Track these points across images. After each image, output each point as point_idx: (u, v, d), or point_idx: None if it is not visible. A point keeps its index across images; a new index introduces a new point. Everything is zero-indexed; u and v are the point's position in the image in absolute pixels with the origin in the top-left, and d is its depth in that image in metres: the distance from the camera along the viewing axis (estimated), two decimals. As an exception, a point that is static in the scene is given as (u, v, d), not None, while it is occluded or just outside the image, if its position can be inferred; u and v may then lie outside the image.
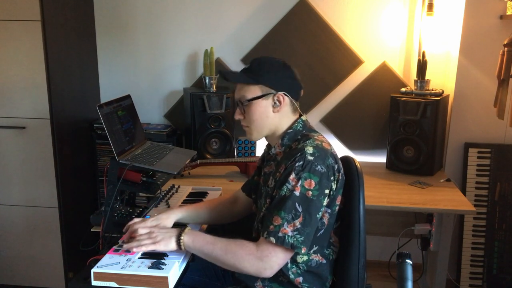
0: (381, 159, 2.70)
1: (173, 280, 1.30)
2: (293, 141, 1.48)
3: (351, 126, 2.81)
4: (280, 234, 1.31)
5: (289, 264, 1.41)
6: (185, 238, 1.40)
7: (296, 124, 1.50)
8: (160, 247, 1.40)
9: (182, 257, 1.41)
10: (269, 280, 1.44)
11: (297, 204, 1.33)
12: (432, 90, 2.50)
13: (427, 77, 2.52)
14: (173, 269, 1.31)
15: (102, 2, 2.81)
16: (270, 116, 1.47)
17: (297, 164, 1.36)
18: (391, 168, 2.58)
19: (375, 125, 2.80)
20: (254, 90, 1.46)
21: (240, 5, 2.74)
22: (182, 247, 1.40)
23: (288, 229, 1.31)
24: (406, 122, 2.47)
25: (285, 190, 1.35)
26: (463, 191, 2.53)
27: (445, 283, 2.27)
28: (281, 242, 1.31)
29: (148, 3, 2.79)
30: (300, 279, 1.42)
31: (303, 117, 1.53)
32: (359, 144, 2.84)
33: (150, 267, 1.31)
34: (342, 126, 2.83)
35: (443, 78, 2.67)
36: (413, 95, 2.50)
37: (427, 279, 2.61)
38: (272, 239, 1.31)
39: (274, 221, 1.33)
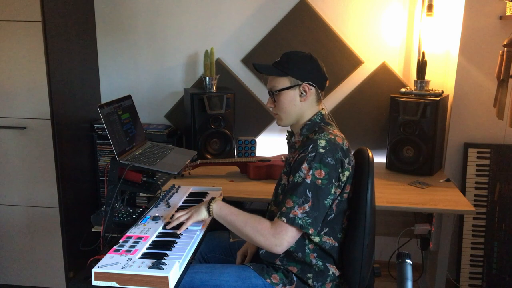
0: (381, 159, 2.71)
1: (173, 280, 1.31)
2: (310, 132, 1.63)
3: (351, 126, 2.81)
4: (291, 215, 1.47)
5: (306, 240, 1.58)
6: (214, 206, 1.59)
7: (315, 117, 1.66)
8: (194, 218, 1.60)
9: (182, 257, 1.42)
10: (287, 260, 1.62)
11: (307, 190, 1.49)
12: (432, 90, 2.50)
13: (426, 77, 2.53)
14: (174, 269, 1.32)
15: (102, 2, 2.81)
16: (297, 105, 1.64)
17: (309, 155, 1.51)
18: (391, 168, 2.58)
19: (375, 125, 2.81)
20: (283, 82, 1.63)
21: (240, 5, 2.74)
22: (212, 214, 1.59)
23: (298, 211, 1.47)
24: (406, 122, 2.47)
25: (297, 177, 1.51)
26: (463, 191, 2.53)
27: (444, 283, 2.28)
28: (291, 222, 1.47)
29: (149, 4, 2.79)
30: (315, 254, 1.59)
31: (323, 111, 1.68)
32: (359, 144, 2.81)
33: (150, 267, 1.32)
34: (342, 126, 2.80)
35: (442, 79, 2.68)
36: (413, 95, 2.50)
37: (427, 279, 2.61)
38: (284, 219, 1.48)
39: (286, 203, 1.50)
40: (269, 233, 1.49)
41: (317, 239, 1.57)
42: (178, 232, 1.58)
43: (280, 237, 1.48)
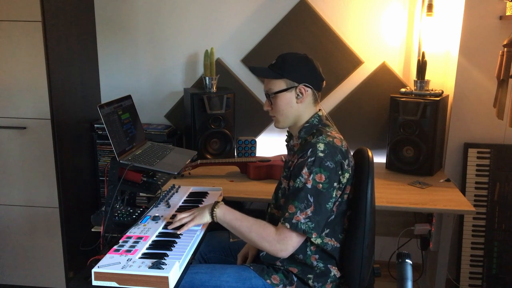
0: (381, 159, 2.71)
1: (173, 280, 1.31)
2: (308, 135, 1.63)
3: (351, 126, 2.81)
4: (293, 221, 1.48)
5: (308, 242, 1.57)
6: (218, 211, 1.59)
7: (312, 119, 1.65)
8: (196, 221, 1.60)
9: (182, 257, 1.42)
10: (287, 261, 1.61)
11: (309, 195, 1.49)
12: (432, 90, 2.50)
13: (426, 77, 2.53)
14: (174, 269, 1.32)
15: (102, 2, 2.81)
16: (294, 106, 1.63)
17: (309, 160, 1.51)
18: (391, 168, 2.58)
19: (375, 125, 2.81)
20: (279, 84, 1.62)
21: (240, 5, 2.74)
22: (215, 219, 1.59)
23: (300, 217, 1.48)
24: (406, 122, 2.47)
25: (298, 182, 1.51)
26: (463, 191, 2.53)
27: (444, 283, 2.28)
28: (295, 228, 1.48)
29: (149, 4, 2.79)
30: (316, 256, 1.60)
31: (320, 112, 1.67)
32: (359, 144, 2.80)
33: (150, 267, 1.32)
34: (342, 126, 2.81)
35: (442, 79, 2.68)
36: (413, 95, 2.50)
37: (427, 279, 2.61)
38: (287, 224, 1.49)
39: (289, 209, 1.50)
40: (274, 239, 1.50)
41: (318, 240, 1.57)
42: (179, 232, 1.58)
43: (285, 243, 1.50)
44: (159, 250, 1.46)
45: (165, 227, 1.64)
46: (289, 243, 1.50)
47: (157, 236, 1.57)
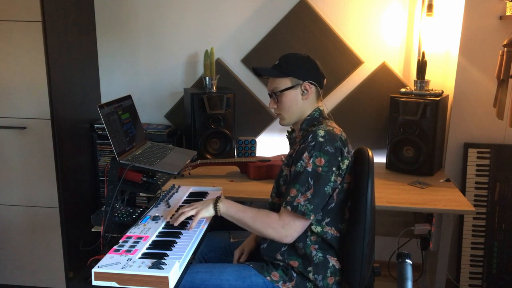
0: (381, 159, 2.71)
1: (173, 280, 1.31)
2: (309, 126, 1.70)
3: (350, 126, 2.81)
4: (295, 203, 1.54)
5: (308, 232, 1.61)
6: (221, 205, 1.63)
7: (314, 112, 1.72)
8: (201, 214, 1.62)
9: (182, 257, 1.42)
10: (288, 253, 1.64)
11: (309, 178, 1.55)
12: (432, 90, 2.50)
13: (426, 77, 2.53)
14: (174, 269, 1.32)
15: (102, 2, 2.81)
16: (300, 103, 1.70)
17: (310, 145, 1.58)
18: (391, 168, 2.58)
19: (375, 125, 2.81)
20: (285, 82, 1.69)
21: (240, 5, 2.75)
22: (219, 213, 1.63)
23: (301, 199, 1.54)
24: (406, 122, 2.47)
25: (299, 166, 1.57)
26: (463, 191, 2.53)
27: (444, 283, 2.28)
28: (295, 210, 1.53)
29: (149, 4, 2.79)
30: (316, 246, 1.63)
31: (321, 107, 1.75)
32: (359, 144, 2.80)
33: (150, 267, 1.32)
34: (341, 126, 2.79)
35: (442, 79, 2.68)
36: (413, 95, 2.50)
37: (427, 279, 2.61)
38: (288, 207, 1.55)
39: (290, 192, 1.56)
40: (278, 225, 1.56)
41: (318, 229, 1.61)
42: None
43: (289, 227, 1.55)
44: (159, 250, 1.46)
45: (167, 226, 1.64)
46: (293, 227, 1.55)
47: (157, 236, 1.57)
